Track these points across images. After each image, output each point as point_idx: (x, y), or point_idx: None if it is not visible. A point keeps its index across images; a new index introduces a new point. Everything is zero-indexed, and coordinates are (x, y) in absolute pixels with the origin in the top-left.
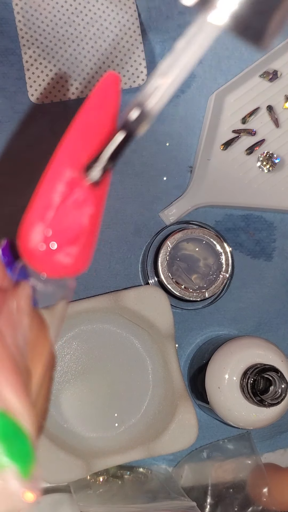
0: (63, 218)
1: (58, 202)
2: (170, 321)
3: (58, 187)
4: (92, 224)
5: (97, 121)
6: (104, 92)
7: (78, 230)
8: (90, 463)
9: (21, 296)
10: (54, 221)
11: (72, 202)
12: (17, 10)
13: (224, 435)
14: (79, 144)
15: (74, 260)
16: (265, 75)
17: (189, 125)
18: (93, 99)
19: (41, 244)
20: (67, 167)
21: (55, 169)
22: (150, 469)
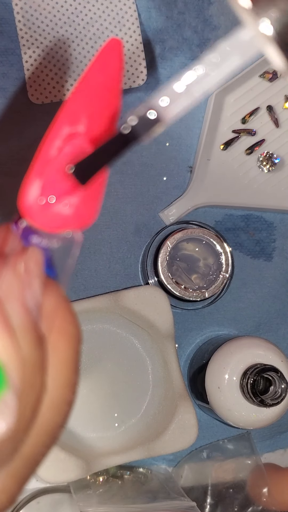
0: (62, 172)
1: (55, 157)
2: (170, 321)
3: (55, 143)
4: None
5: (99, 85)
6: (106, 57)
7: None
8: (90, 463)
9: (30, 258)
10: (50, 174)
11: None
12: (17, 10)
13: (224, 435)
14: (80, 106)
15: (76, 210)
16: (265, 75)
17: (189, 125)
18: (96, 64)
19: (39, 199)
20: (66, 126)
21: (54, 130)
22: (150, 469)
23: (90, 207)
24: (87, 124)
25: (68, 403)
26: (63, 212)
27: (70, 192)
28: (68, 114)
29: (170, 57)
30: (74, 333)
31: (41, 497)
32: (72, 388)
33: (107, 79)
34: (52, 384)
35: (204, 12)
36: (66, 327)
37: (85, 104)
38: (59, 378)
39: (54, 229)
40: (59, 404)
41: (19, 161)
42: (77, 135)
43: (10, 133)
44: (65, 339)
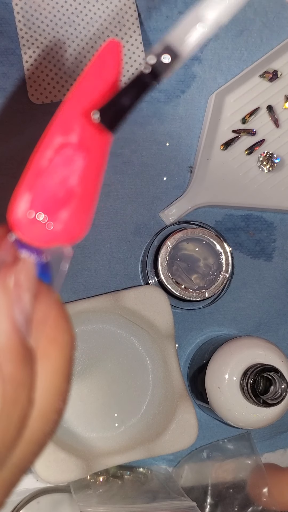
0: (52, 184)
1: (46, 168)
2: (170, 321)
3: (47, 154)
4: (86, 188)
5: (95, 89)
6: (103, 60)
7: (69, 196)
8: (90, 463)
9: (20, 271)
10: (41, 187)
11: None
12: (17, 10)
13: (224, 435)
14: (74, 114)
15: (66, 226)
16: (265, 75)
17: (189, 125)
18: (92, 68)
19: (28, 213)
20: (58, 135)
21: (47, 140)
22: (150, 469)
23: (80, 222)
24: (79, 133)
25: (58, 411)
26: (52, 227)
27: (60, 206)
28: (62, 123)
29: None
30: (66, 341)
31: (41, 497)
32: (62, 397)
33: (103, 85)
34: (42, 394)
35: None
36: (58, 335)
37: (79, 112)
38: (49, 387)
39: (43, 243)
40: (48, 414)
41: (19, 161)
42: (69, 145)
43: (10, 133)
44: (56, 347)
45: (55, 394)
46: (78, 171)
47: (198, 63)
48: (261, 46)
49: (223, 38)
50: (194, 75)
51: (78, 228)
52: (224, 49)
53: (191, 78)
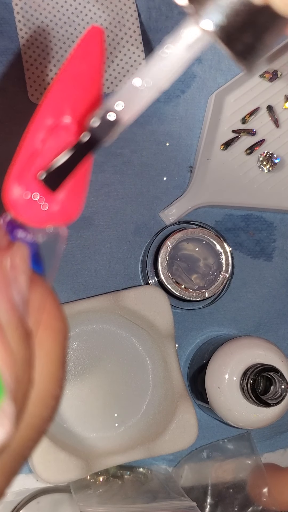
0: (45, 163)
1: (39, 150)
2: (170, 321)
3: (39, 135)
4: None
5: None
6: (87, 45)
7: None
8: (90, 463)
9: (15, 254)
10: (36, 168)
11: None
12: (17, 10)
13: (224, 435)
14: (62, 97)
15: (62, 207)
16: (265, 75)
17: (189, 125)
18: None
19: (24, 193)
20: (49, 117)
21: (37, 121)
22: (150, 469)
23: (75, 202)
24: (70, 114)
25: (55, 397)
26: (48, 207)
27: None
28: (51, 104)
29: None
30: (61, 328)
31: (41, 497)
32: (59, 383)
33: (88, 68)
34: (39, 379)
35: None
36: (52, 322)
37: (67, 94)
38: (46, 372)
39: (39, 223)
40: (46, 399)
41: None
42: (61, 126)
43: (10, 133)
44: (52, 334)
45: (52, 379)
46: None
47: (198, 63)
48: None
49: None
50: (194, 75)
51: (73, 208)
52: None
53: (191, 78)
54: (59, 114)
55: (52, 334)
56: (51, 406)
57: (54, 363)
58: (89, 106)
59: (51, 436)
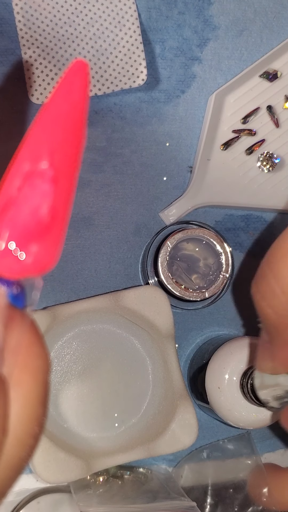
0: (21, 215)
1: (15, 198)
2: (170, 321)
3: (15, 182)
4: (56, 218)
5: (62, 113)
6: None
7: (38, 226)
8: (90, 463)
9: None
10: (11, 218)
11: (30, 196)
12: (17, 10)
13: (224, 435)
14: (42, 140)
15: (36, 258)
16: (265, 75)
17: (189, 125)
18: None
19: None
20: (26, 162)
21: (15, 167)
22: (150, 469)
23: (51, 253)
24: (48, 159)
25: (34, 436)
26: (22, 258)
27: (31, 237)
28: (29, 149)
29: (170, 57)
30: (40, 366)
31: (41, 497)
32: (38, 421)
33: (70, 107)
34: (16, 420)
35: (204, 12)
36: (30, 361)
37: (46, 137)
38: (23, 413)
39: (13, 275)
40: (24, 439)
41: None
42: (37, 173)
43: (10, 133)
44: (29, 374)
45: (30, 419)
46: (48, 200)
47: (198, 63)
48: (261, 46)
49: (223, 38)
50: (194, 75)
51: (49, 259)
52: (224, 49)
53: (191, 78)
54: (36, 159)
55: (31, 374)
56: (30, 446)
57: (33, 403)
58: (69, 149)
59: (51, 436)
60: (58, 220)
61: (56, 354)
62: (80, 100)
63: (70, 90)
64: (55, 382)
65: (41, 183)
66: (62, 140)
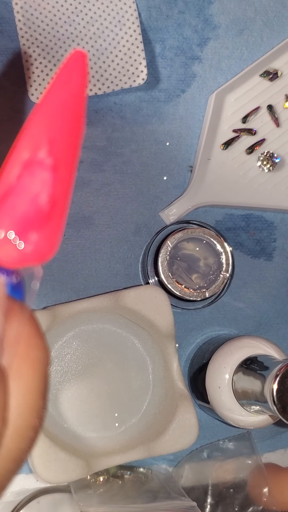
0: (21, 203)
1: (14, 186)
2: (170, 320)
3: (15, 170)
4: (55, 206)
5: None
6: (69, 71)
7: (38, 215)
8: (90, 463)
9: None
10: (10, 207)
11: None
12: (17, 10)
13: (225, 435)
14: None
15: (36, 247)
16: (265, 74)
17: (189, 125)
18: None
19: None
20: (25, 151)
21: (14, 155)
22: (150, 469)
23: (50, 242)
24: (47, 148)
25: (33, 428)
26: (22, 247)
27: (30, 225)
28: (28, 137)
29: (171, 56)
30: (40, 358)
31: (41, 497)
32: (38, 413)
33: (69, 97)
34: (16, 411)
35: (204, 12)
36: (31, 352)
37: (45, 125)
38: (23, 404)
39: (13, 264)
40: (24, 431)
41: None
42: (36, 161)
43: (10, 133)
44: (29, 365)
45: (30, 411)
46: (47, 189)
47: (198, 62)
48: (261, 45)
49: (223, 37)
50: (194, 75)
51: (48, 247)
52: (225, 48)
53: (191, 77)
54: (36, 148)
55: (31, 365)
56: (29, 438)
57: (33, 395)
58: (68, 137)
59: (51, 436)
60: (57, 208)
61: (56, 354)
62: (78, 89)
63: (69, 79)
64: (55, 382)
65: (41, 171)
66: (61, 128)
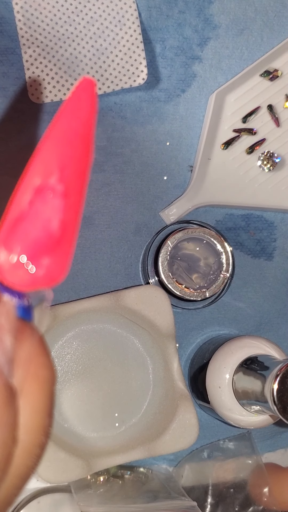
0: (33, 228)
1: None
2: (171, 320)
3: (26, 196)
4: (66, 231)
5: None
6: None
7: (49, 240)
8: (91, 463)
9: (0, 314)
10: (23, 232)
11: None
12: (17, 9)
13: (225, 435)
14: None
15: (48, 271)
16: (265, 74)
17: (190, 125)
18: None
19: (11, 257)
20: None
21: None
22: (150, 469)
23: (61, 265)
24: (58, 174)
25: (40, 446)
26: (34, 271)
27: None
28: (39, 163)
29: (171, 56)
30: (48, 377)
31: (42, 497)
32: (45, 431)
33: (79, 124)
34: (24, 430)
35: (204, 11)
36: (39, 371)
37: (56, 152)
38: (31, 423)
39: (25, 287)
40: (31, 449)
41: (19, 161)
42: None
43: (10, 133)
44: (38, 384)
45: (37, 430)
46: (58, 215)
47: (198, 62)
48: (261, 45)
49: (223, 37)
50: (194, 74)
51: (59, 271)
52: (225, 48)
53: (192, 77)
54: (47, 174)
55: (38, 384)
56: (37, 455)
57: (40, 413)
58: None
59: (52, 436)
60: (68, 233)
61: (57, 354)
62: (88, 116)
63: (78, 107)
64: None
65: (52, 197)
66: (71, 155)
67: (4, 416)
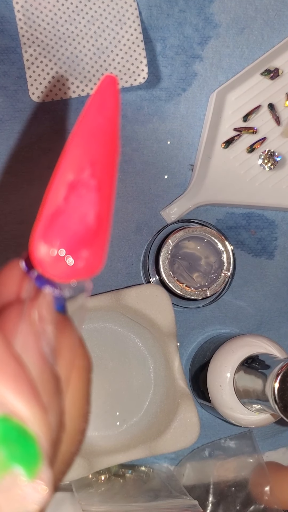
0: (70, 222)
1: (62, 207)
2: (172, 319)
3: (61, 192)
4: (101, 224)
5: (97, 126)
6: (102, 96)
7: (86, 233)
8: (92, 462)
9: (42, 305)
10: (61, 226)
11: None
12: (18, 9)
13: (226, 433)
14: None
15: (86, 262)
16: (266, 73)
17: (190, 123)
18: (92, 104)
19: (51, 251)
20: (69, 172)
21: (59, 177)
22: (151, 468)
23: (99, 256)
24: (90, 169)
25: (82, 432)
26: (73, 263)
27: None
28: (71, 159)
29: (171, 55)
30: (86, 366)
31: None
32: (85, 418)
33: (104, 120)
34: (67, 417)
35: (205, 10)
36: (78, 361)
37: (85, 148)
38: (73, 410)
39: (65, 279)
40: (74, 435)
41: (20, 160)
42: (82, 183)
43: (11, 132)
44: (76, 372)
45: (79, 416)
46: (93, 208)
47: (199, 61)
48: (262, 44)
49: (224, 36)
50: (195, 73)
51: (97, 262)
52: (225, 47)
53: (192, 76)
54: (79, 170)
55: (77, 372)
56: (79, 441)
57: (81, 400)
58: (107, 159)
59: None
60: (103, 225)
61: None
62: (112, 111)
63: (103, 103)
64: None
65: (86, 192)
66: (100, 151)
67: (55, 403)
